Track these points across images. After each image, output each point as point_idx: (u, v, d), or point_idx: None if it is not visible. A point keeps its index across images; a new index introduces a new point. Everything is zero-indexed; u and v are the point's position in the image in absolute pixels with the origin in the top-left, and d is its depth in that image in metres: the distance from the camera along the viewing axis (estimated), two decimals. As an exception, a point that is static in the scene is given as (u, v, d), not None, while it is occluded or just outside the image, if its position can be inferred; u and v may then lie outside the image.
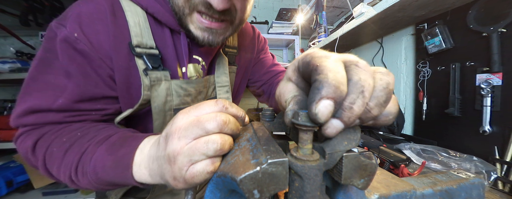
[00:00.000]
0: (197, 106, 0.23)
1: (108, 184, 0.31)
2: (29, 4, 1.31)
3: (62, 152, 0.32)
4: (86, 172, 0.30)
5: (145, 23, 0.42)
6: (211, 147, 0.20)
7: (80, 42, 0.37)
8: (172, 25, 0.44)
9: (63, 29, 0.37)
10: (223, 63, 0.55)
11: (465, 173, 0.27)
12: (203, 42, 0.43)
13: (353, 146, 0.18)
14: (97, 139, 0.32)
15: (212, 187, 0.21)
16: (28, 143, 0.35)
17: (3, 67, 1.24)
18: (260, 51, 0.69)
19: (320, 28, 1.39)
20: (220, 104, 0.22)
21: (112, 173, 0.29)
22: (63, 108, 0.37)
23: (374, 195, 0.21)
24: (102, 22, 0.39)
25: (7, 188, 1.14)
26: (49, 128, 0.37)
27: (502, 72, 0.66)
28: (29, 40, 1.53)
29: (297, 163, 0.16)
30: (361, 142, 0.86)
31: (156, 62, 0.42)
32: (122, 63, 0.40)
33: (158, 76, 0.43)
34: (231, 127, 0.22)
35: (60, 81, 0.37)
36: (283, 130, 0.26)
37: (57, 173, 0.33)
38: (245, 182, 0.15)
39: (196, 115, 0.22)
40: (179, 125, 0.21)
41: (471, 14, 0.74)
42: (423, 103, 0.94)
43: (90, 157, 0.30)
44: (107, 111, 0.42)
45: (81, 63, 0.38)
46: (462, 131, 0.79)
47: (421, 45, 0.95)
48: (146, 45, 0.42)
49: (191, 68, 0.50)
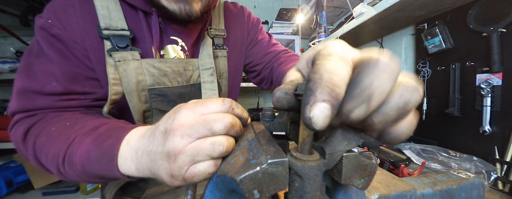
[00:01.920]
0: (203, 102, 0.22)
1: (95, 176, 0.29)
2: (29, 4, 1.31)
3: (50, 141, 0.32)
4: (73, 163, 0.29)
5: (116, 6, 0.43)
6: (217, 148, 0.20)
7: (54, 27, 0.39)
8: (142, 6, 0.44)
9: (40, 18, 0.40)
10: (207, 45, 0.53)
11: (465, 173, 0.27)
12: (181, 15, 0.42)
13: (353, 146, 0.18)
14: (85, 130, 0.31)
15: (212, 187, 0.21)
16: (19, 132, 0.35)
17: (3, 67, 1.24)
18: (255, 31, 0.64)
19: (320, 28, 1.39)
20: (227, 103, 0.22)
21: (97, 165, 0.27)
22: (52, 91, 0.39)
23: (374, 195, 0.21)
24: (71, 7, 0.41)
25: (7, 188, 1.14)
26: (40, 117, 0.37)
27: (502, 72, 0.66)
28: (29, 40, 1.52)
29: (297, 163, 0.16)
30: (361, 142, 0.86)
31: (124, 43, 0.43)
32: (93, 44, 0.42)
33: (123, 56, 0.42)
34: (236, 130, 0.21)
35: (47, 67, 0.40)
36: (283, 130, 0.26)
37: (46, 163, 0.32)
38: (245, 182, 0.15)
39: (202, 112, 0.21)
40: (183, 121, 0.20)
41: (471, 14, 0.74)
42: (423, 103, 0.94)
43: (76, 148, 0.29)
44: (95, 95, 0.44)
45: (59, 47, 0.40)
46: (462, 131, 0.79)
47: (421, 45, 0.95)
48: (116, 27, 0.42)
49: (169, 49, 0.49)
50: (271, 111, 0.27)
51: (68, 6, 0.41)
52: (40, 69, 0.40)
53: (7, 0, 1.37)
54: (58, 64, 0.40)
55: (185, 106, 0.22)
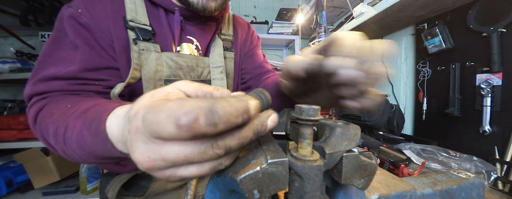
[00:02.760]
0: (155, 114, 0.15)
1: (103, 158, 0.28)
2: (29, 4, 1.31)
3: (52, 124, 0.32)
4: (74, 148, 0.29)
5: (140, 3, 0.48)
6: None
7: (83, 17, 0.42)
8: (166, 5, 0.49)
9: (69, 8, 0.42)
10: (218, 45, 0.58)
11: (465, 173, 0.27)
12: (198, 6, 0.47)
13: (353, 146, 0.18)
14: (76, 113, 0.31)
15: (212, 187, 0.21)
16: (31, 113, 0.37)
17: (3, 67, 1.24)
18: (254, 44, 0.72)
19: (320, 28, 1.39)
20: (183, 132, 0.14)
21: (96, 148, 0.27)
22: (69, 75, 0.40)
23: (374, 195, 0.21)
24: (101, 0, 0.45)
25: (7, 188, 1.14)
26: (49, 99, 0.38)
27: (502, 72, 0.66)
28: (29, 40, 1.52)
29: (297, 163, 0.16)
30: (361, 142, 0.86)
31: (147, 35, 0.47)
32: (119, 34, 0.45)
33: (147, 46, 0.46)
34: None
35: (69, 54, 0.42)
36: (283, 130, 0.26)
37: (54, 144, 0.33)
38: (245, 182, 0.15)
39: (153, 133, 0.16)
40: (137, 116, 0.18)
41: (471, 14, 0.74)
42: (423, 103, 0.94)
43: (71, 133, 0.29)
44: (110, 82, 0.45)
45: (86, 36, 0.43)
46: (462, 131, 0.79)
47: (421, 45, 0.95)
48: (140, 21, 0.47)
49: (185, 47, 0.54)
50: (271, 111, 0.26)
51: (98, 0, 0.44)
52: (60, 56, 0.42)
53: (7, 0, 1.37)
54: (82, 51, 0.42)
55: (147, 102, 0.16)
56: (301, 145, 0.18)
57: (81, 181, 1.17)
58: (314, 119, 0.17)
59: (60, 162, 1.22)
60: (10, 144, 1.15)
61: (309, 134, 0.17)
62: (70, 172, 1.30)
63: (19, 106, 1.53)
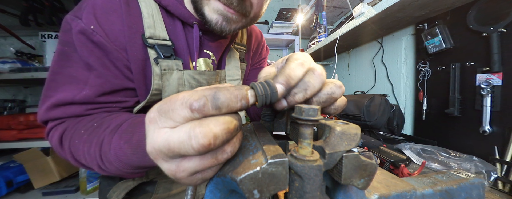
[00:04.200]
0: (169, 101, 0.17)
1: (138, 168, 0.31)
2: (29, 4, 1.31)
3: (82, 143, 0.33)
4: (111, 161, 0.30)
5: (158, 15, 0.42)
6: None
7: (96, 34, 0.37)
8: (185, 17, 0.44)
9: (79, 22, 0.36)
10: (234, 57, 0.56)
11: (465, 173, 0.27)
12: (216, 27, 0.42)
13: (353, 146, 0.18)
14: (110, 129, 0.32)
15: (212, 187, 0.21)
16: (55, 138, 0.36)
17: (3, 67, 1.24)
18: (263, 58, 0.70)
19: (320, 28, 1.39)
20: (196, 112, 0.16)
21: (135, 159, 0.29)
22: (86, 100, 0.38)
23: (374, 195, 0.21)
24: (116, 13, 0.39)
25: (7, 188, 1.14)
26: (71, 121, 0.38)
27: (502, 72, 0.66)
28: (29, 40, 1.53)
29: (297, 163, 0.16)
30: (361, 142, 0.86)
31: (168, 52, 0.43)
32: (137, 54, 0.40)
33: (169, 65, 0.42)
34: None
35: (81, 74, 0.38)
36: (283, 130, 0.26)
37: (86, 163, 0.34)
38: (245, 182, 0.15)
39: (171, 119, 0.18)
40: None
41: (471, 14, 0.74)
42: (423, 103, 0.94)
43: (108, 147, 0.30)
44: (127, 103, 0.43)
45: (99, 56, 0.38)
46: (462, 131, 0.79)
47: (421, 45, 0.95)
48: (159, 37, 0.42)
49: (201, 62, 0.50)
50: (271, 111, 0.27)
51: (112, 11, 0.38)
52: (71, 75, 0.38)
53: (7, 0, 1.37)
54: (96, 73, 0.38)
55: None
56: (301, 145, 0.18)
57: (81, 181, 1.17)
58: (314, 119, 0.17)
59: (60, 162, 1.22)
60: (10, 144, 1.15)
61: (309, 134, 0.17)
62: (70, 172, 1.30)
63: (19, 106, 1.53)
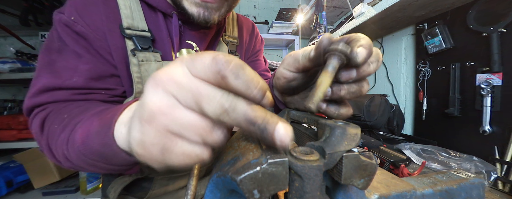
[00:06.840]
0: (193, 58, 0.17)
1: (95, 153, 0.26)
2: (29, 4, 1.31)
3: (61, 127, 0.31)
4: (74, 140, 0.27)
5: (137, 6, 0.44)
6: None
7: (77, 25, 0.39)
8: (163, 8, 0.45)
9: (61, 15, 0.39)
10: (222, 50, 0.55)
11: (465, 173, 0.27)
12: (199, 19, 0.42)
13: (353, 146, 0.18)
14: (94, 111, 0.30)
15: (212, 187, 0.21)
16: (37, 122, 0.35)
17: (3, 67, 1.24)
18: (257, 51, 0.69)
19: (320, 28, 1.39)
20: (220, 65, 0.15)
21: (96, 139, 0.25)
22: (74, 86, 0.38)
23: (374, 195, 0.21)
24: (94, 4, 0.41)
25: (7, 188, 1.14)
26: (57, 105, 0.37)
27: (502, 72, 0.66)
28: (29, 40, 1.52)
29: (297, 163, 0.16)
30: (361, 142, 0.86)
31: (146, 44, 0.43)
32: (116, 43, 0.42)
33: (146, 56, 0.43)
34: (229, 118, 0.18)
35: (71, 63, 0.39)
36: (283, 130, 0.26)
37: (55, 150, 0.31)
38: (245, 182, 0.15)
39: (194, 73, 0.17)
40: (171, 74, 0.17)
41: (471, 14, 0.74)
42: (423, 103, 0.94)
43: (79, 126, 0.28)
44: (115, 91, 0.44)
45: (84, 45, 0.40)
46: (462, 131, 0.79)
47: (421, 45, 0.95)
48: (137, 28, 0.43)
49: (184, 52, 0.50)
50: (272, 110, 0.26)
51: (90, 3, 0.41)
52: (63, 66, 0.39)
53: (7, 0, 1.37)
54: (84, 60, 0.40)
55: (177, 60, 0.17)
56: (323, 78, 0.20)
57: (81, 181, 1.17)
58: (346, 51, 0.20)
59: (60, 162, 1.22)
60: (10, 144, 1.15)
61: (334, 68, 0.20)
62: (70, 172, 1.30)
63: (19, 106, 1.53)
